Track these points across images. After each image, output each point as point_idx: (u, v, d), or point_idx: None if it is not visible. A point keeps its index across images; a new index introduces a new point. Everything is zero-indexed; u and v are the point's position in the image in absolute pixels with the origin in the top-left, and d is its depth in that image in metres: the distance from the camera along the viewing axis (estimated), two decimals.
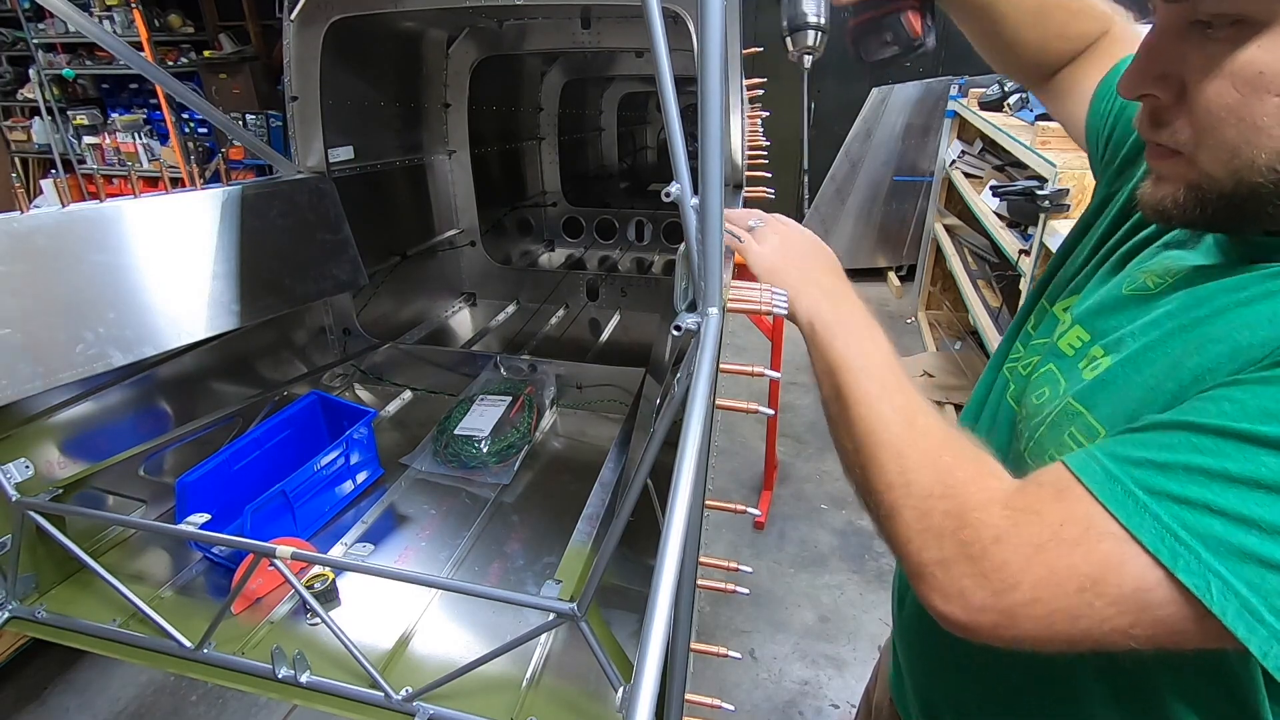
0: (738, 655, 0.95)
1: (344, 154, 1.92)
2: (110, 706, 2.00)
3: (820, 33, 0.69)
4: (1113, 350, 0.58)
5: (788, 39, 0.71)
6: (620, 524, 0.83)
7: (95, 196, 1.32)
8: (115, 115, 5.35)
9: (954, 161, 3.74)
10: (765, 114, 2.43)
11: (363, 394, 1.91)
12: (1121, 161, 0.70)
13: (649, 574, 0.53)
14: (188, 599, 1.17)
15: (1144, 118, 0.53)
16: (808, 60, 0.71)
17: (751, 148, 2.01)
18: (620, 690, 0.86)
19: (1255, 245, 0.53)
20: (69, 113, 5.37)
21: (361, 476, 1.46)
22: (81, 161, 5.52)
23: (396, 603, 1.13)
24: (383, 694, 0.92)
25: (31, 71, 5.31)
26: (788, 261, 0.76)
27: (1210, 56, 0.46)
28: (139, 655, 1.03)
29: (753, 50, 2.23)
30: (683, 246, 0.75)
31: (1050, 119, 2.72)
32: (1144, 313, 0.57)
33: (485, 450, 1.53)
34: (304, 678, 0.95)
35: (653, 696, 0.45)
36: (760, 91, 2.32)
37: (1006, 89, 3.17)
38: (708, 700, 0.91)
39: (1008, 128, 2.86)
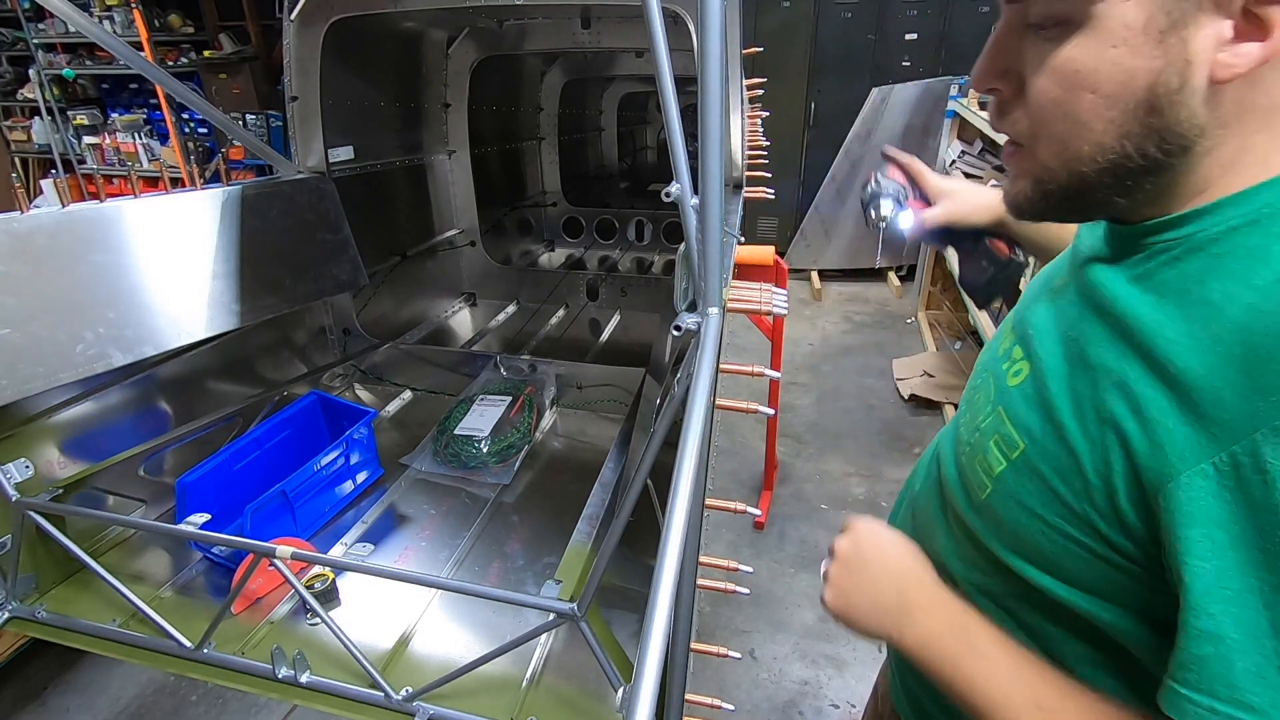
0: (738, 655, 0.95)
1: (344, 154, 1.92)
2: (110, 706, 2.00)
3: (893, 200, 0.95)
4: (1030, 356, 0.60)
5: (869, 211, 0.95)
6: (620, 524, 0.83)
7: (95, 196, 1.32)
8: (115, 115, 5.34)
9: (954, 161, 3.73)
10: (765, 114, 2.44)
11: (363, 394, 1.91)
12: None
13: (649, 574, 0.53)
14: (188, 599, 1.17)
15: (992, 111, 0.56)
16: (880, 226, 0.94)
17: (751, 148, 2.01)
18: (620, 690, 0.86)
19: (1123, 237, 0.55)
20: (69, 113, 5.37)
21: (361, 476, 1.46)
22: (81, 161, 5.51)
23: (396, 603, 1.13)
24: (383, 694, 0.92)
25: (31, 71, 5.30)
26: (850, 596, 0.68)
27: (1040, 55, 0.49)
28: (139, 655, 1.03)
29: (753, 50, 2.23)
30: (683, 246, 0.75)
31: None
32: (1049, 313, 0.60)
33: (485, 450, 1.53)
34: (304, 678, 0.95)
35: (653, 696, 0.45)
36: (760, 91, 2.33)
37: None
38: (708, 700, 0.91)
39: None
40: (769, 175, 1.89)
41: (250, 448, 1.40)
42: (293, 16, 1.68)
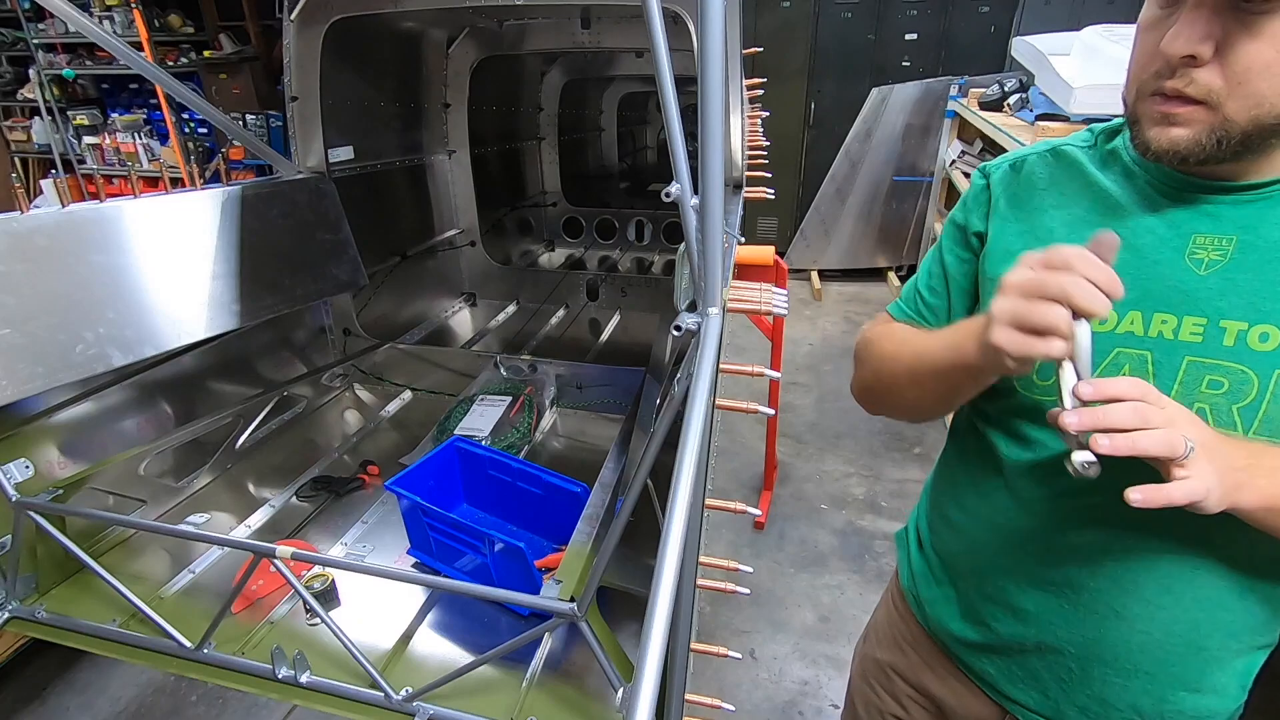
0: (738, 655, 0.95)
1: (344, 154, 1.92)
2: (110, 706, 2.00)
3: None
4: (1273, 319, 0.69)
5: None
6: (620, 524, 0.83)
7: (95, 196, 1.32)
8: (115, 115, 5.34)
9: (954, 161, 3.74)
10: (765, 114, 2.44)
11: (362, 394, 1.91)
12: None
13: (649, 574, 0.53)
14: (188, 599, 1.17)
15: (1180, 74, 0.63)
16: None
17: (751, 148, 2.01)
18: (620, 690, 0.86)
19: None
20: (69, 113, 5.36)
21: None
22: (81, 161, 5.51)
23: (396, 603, 1.13)
24: (383, 694, 0.92)
25: (31, 71, 5.30)
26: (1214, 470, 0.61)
27: (1252, 25, 0.58)
28: (139, 655, 1.03)
29: (753, 50, 2.23)
30: (683, 246, 0.75)
31: (1051, 119, 2.72)
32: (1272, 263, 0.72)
33: None
34: (304, 678, 0.95)
35: (653, 696, 0.45)
36: (760, 91, 2.33)
37: (1006, 89, 3.17)
38: (708, 700, 0.91)
39: (1008, 127, 2.86)
40: (769, 175, 1.89)
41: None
42: (293, 16, 1.68)
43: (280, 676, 0.95)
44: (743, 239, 1.45)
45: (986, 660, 0.88)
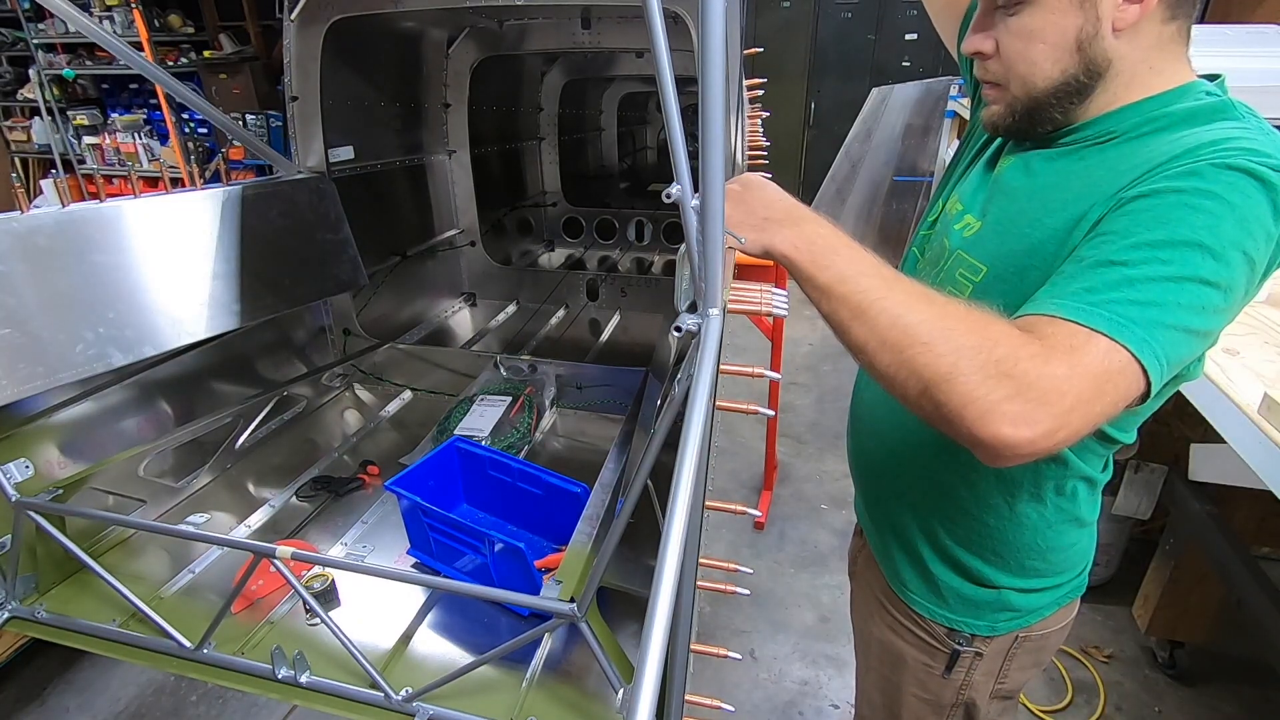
0: (738, 655, 0.95)
1: (344, 154, 1.92)
2: (110, 706, 2.00)
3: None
4: (981, 217, 0.88)
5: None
6: (620, 524, 0.83)
7: (95, 196, 1.32)
8: (115, 115, 5.34)
9: None
10: (765, 114, 2.44)
11: (362, 394, 1.91)
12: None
13: (649, 574, 0.53)
14: (188, 599, 1.17)
15: (978, 66, 0.85)
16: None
17: (751, 148, 2.01)
18: (620, 691, 0.86)
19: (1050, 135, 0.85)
20: (69, 113, 5.36)
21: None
22: (81, 161, 5.51)
23: (396, 603, 1.13)
24: (383, 694, 0.92)
25: (31, 71, 5.30)
26: (750, 213, 0.80)
27: (1007, 23, 0.78)
28: (139, 655, 1.03)
29: (753, 50, 2.23)
30: (683, 247, 0.75)
31: None
32: (999, 189, 0.87)
33: None
34: (304, 678, 0.95)
35: (654, 697, 0.45)
36: (760, 92, 2.33)
37: None
38: (708, 700, 0.91)
39: None
40: (769, 176, 1.89)
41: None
42: (293, 16, 1.68)
43: (280, 677, 0.95)
44: (744, 239, 1.45)
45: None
